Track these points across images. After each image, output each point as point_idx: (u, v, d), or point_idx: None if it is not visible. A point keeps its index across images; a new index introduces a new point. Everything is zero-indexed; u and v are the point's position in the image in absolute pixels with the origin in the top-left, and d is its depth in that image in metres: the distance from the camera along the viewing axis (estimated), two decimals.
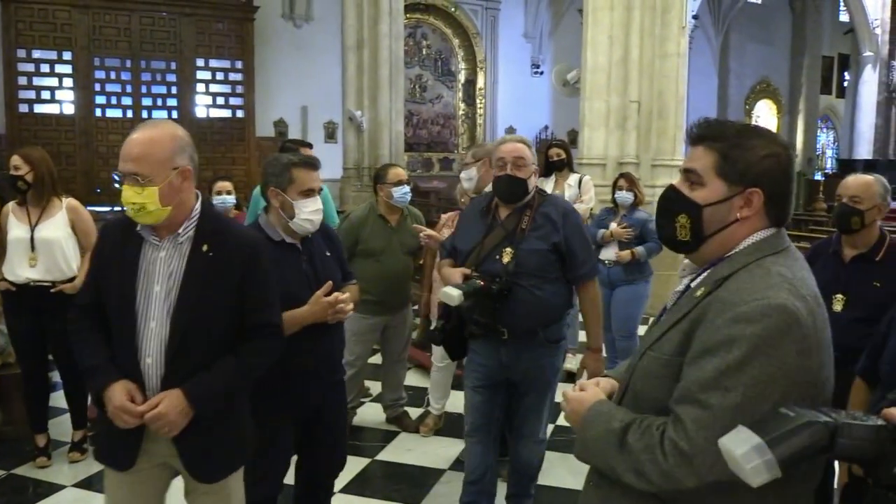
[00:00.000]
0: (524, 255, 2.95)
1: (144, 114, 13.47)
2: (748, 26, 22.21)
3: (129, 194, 2.05)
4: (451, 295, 2.80)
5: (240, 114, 14.19)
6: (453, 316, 3.07)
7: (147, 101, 13.52)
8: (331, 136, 15.87)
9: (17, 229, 3.91)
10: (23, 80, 12.55)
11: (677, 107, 8.04)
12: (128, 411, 2.02)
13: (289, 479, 2.95)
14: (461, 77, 18.95)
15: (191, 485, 2.23)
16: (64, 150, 12.89)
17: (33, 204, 3.93)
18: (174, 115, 13.64)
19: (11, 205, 4.00)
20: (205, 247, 2.11)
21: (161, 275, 2.09)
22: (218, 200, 4.94)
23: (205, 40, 13.67)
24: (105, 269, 2.18)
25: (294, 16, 15.55)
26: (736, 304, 1.33)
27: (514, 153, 3.00)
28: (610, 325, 5.36)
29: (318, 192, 2.75)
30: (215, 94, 14.06)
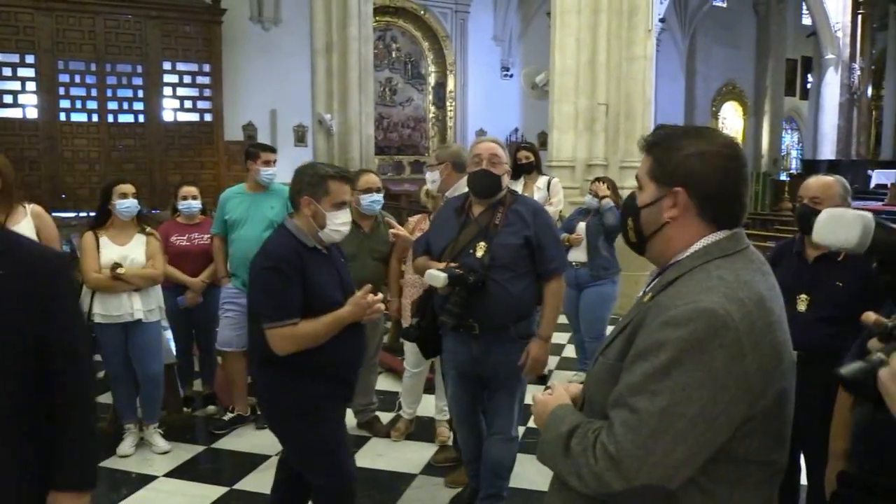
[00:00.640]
0: (497, 249, 3.08)
1: (110, 118, 13.27)
2: (714, 29, 22.49)
3: None
4: (437, 276, 2.97)
5: (208, 117, 14.04)
6: (428, 313, 3.25)
7: (113, 105, 13.31)
8: (300, 139, 15.78)
9: None
10: None
11: (645, 109, 8.13)
12: None
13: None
14: (431, 80, 18.95)
15: None
16: (28, 156, 12.66)
17: None
18: (140, 118, 13.47)
19: None
20: None
21: None
22: (183, 206, 4.89)
23: (171, 43, 13.51)
24: None
25: (262, 19, 15.44)
26: (668, 308, 1.34)
27: (489, 150, 3.16)
28: (579, 327, 5.40)
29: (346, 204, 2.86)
30: (183, 98, 13.89)
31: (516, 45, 19.59)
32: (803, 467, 3.10)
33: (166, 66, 13.58)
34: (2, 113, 12.57)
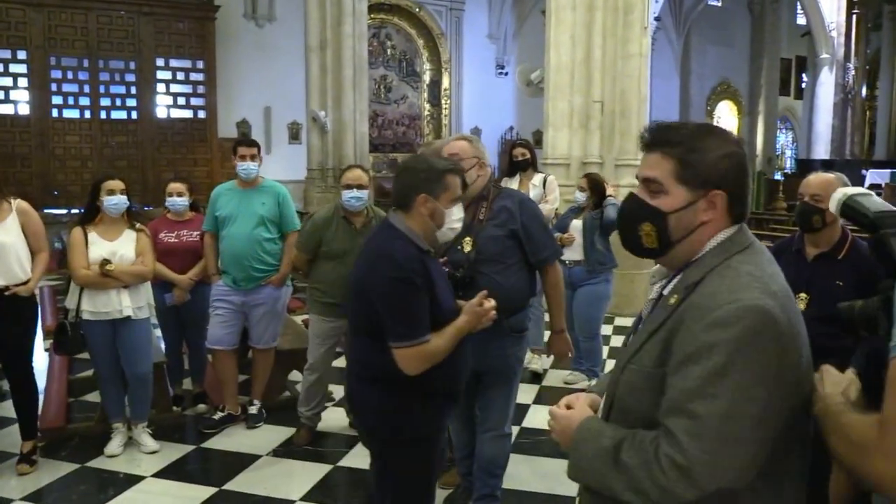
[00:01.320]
0: (483, 243, 3.06)
1: (103, 114, 13.22)
2: (708, 29, 22.51)
3: None
4: None
5: (201, 114, 14.00)
6: None
7: (105, 102, 13.26)
8: (294, 136, 15.72)
9: None
10: None
11: (640, 107, 8.08)
12: None
13: None
14: (426, 78, 18.91)
15: None
16: (19, 152, 12.59)
17: None
18: (133, 115, 13.41)
19: None
20: None
21: None
22: (170, 202, 4.82)
23: (164, 39, 13.45)
24: None
25: (256, 16, 15.38)
26: (710, 308, 1.31)
27: (449, 151, 3.15)
28: (573, 326, 5.36)
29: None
30: (176, 95, 13.84)
31: (511, 43, 19.56)
32: None
33: (159, 62, 13.53)
34: None
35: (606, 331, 6.71)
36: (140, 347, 4.24)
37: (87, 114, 13.10)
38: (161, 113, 13.76)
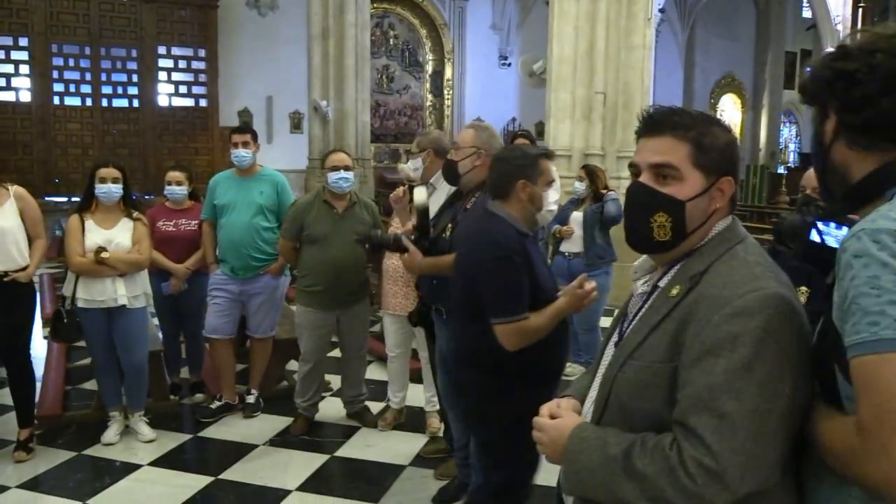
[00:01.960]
0: (458, 230, 3.08)
1: (104, 102, 13.19)
2: (713, 22, 22.36)
3: None
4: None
5: (203, 103, 13.96)
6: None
7: (107, 89, 13.23)
8: (296, 126, 15.66)
9: None
10: None
11: (643, 98, 8.03)
12: None
13: None
14: (429, 68, 18.82)
15: None
16: (20, 139, 12.57)
17: None
18: (135, 103, 13.38)
19: None
20: None
21: None
22: (168, 191, 4.80)
23: (166, 27, 13.41)
24: None
25: (258, 4, 15.25)
26: (730, 298, 1.24)
27: (457, 139, 3.22)
28: (572, 318, 5.33)
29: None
30: (178, 83, 13.80)
31: (515, 33, 19.46)
32: None
33: (161, 50, 13.49)
34: None
35: (605, 323, 6.69)
36: (135, 336, 4.22)
37: (89, 101, 13.07)
38: (162, 101, 13.72)
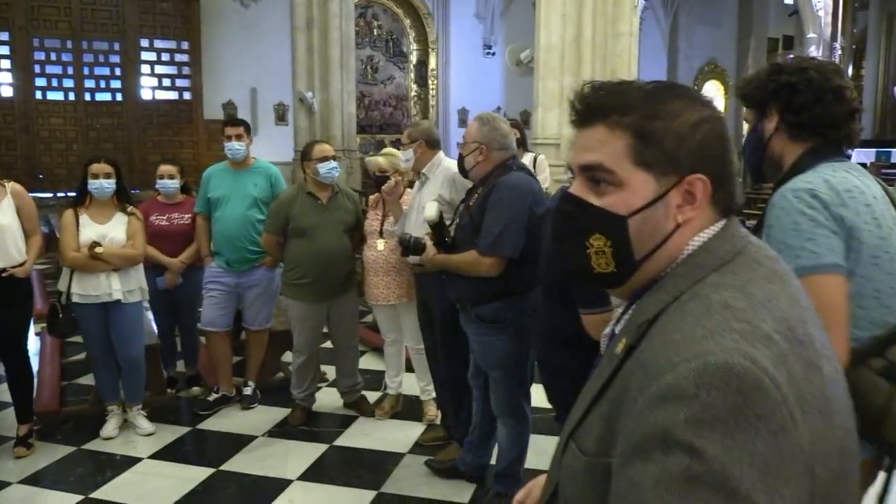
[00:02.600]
0: (458, 230, 3.20)
1: (87, 96, 13.05)
2: (696, 8, 22.44)
3: None
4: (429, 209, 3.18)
5: (187, 95, 13.85)
6: None
7: (90, 83, 13.08)
8: (281, 118, 15.58)
9: None
10: None
11: None
12: None
13: None
14: (413, 58, 18.77)
15: None
16: (3, 135, 12.43)
17: None
18: (118, 97, 13.25)
19: None
20: None
21: None
22: (160, 185, 4.78)
23: (149, 20, 13.27)
24: None
25: None
26: (660, 369, 0.82)
27: (464, 134, 3.26)
28: None
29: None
30: (161, 76, 13.67)
31: (498, 22, 19.44)
32: None
33: (144, 43, 13.35)
34: None
35: None
36: (131, 330, 4.23)
37: (72, 96, 12.92)
38: (146, 94, 13.59)
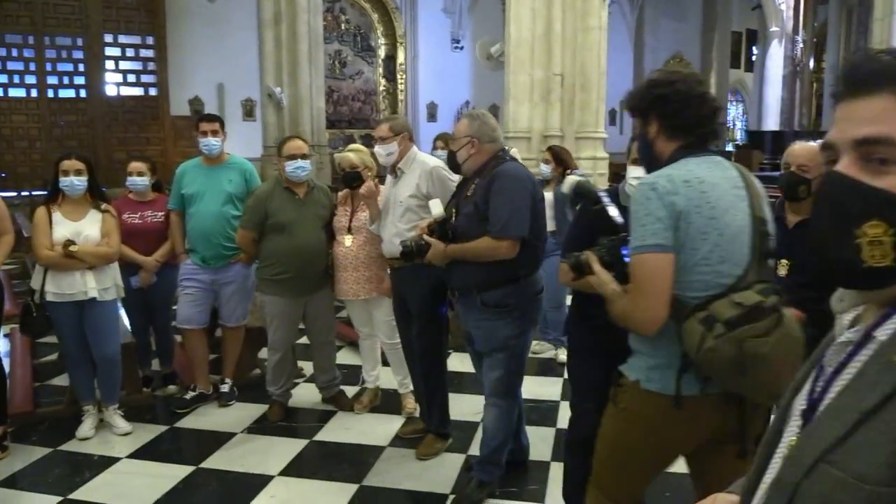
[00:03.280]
0: (459, 219, 3.22)
1: (50, 93, 12.82)
2: (662, 2, 22.65)
3: None
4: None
5: (153, 91, 13.67)
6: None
7: (53, 80, 12.85)
8: (249, 113, 15.45)
9: None
10: None
11: (599, 80, 8.17)
12: None
13: None
14: (381, 52, 18.71)
15: None
16: None
17: None
18: (82, 93, 13.04)
19: None
20: None
21: None
22: (130, 182, 4.72)
23: (112, 15, 13.06)
24: None
25: None
26: None
27: (454, 131, 3.34)
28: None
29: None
30: (126, 72, 13.48)
31: (466, 16, 19.44)
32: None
33: (108, 38, 13.15)
34: None
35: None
36: (107, 329, 4.18)
37: (34, 92, 12.68)
38: (111, 91, 13.39)
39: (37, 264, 4.10)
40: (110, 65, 13.27)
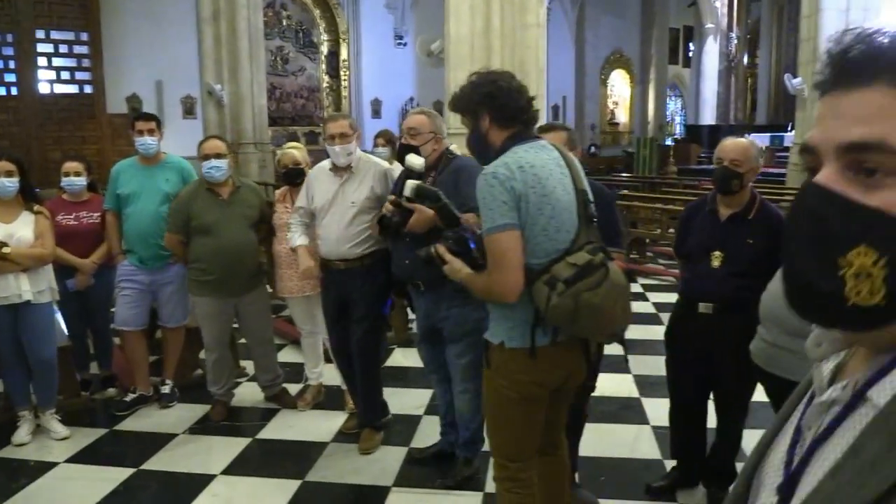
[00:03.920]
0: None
1: None
2: None
3: None
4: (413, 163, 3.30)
5: (88, 89, 13.33)
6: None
7: None
8: (189, 111, 15.18)
9: None
10: None
11: (538, 76, 8.30)
12: None
13: None
14: (324, 49, 18.60)
15: None
16: None
17: None
18: (14, 91, 12.65)
19: None
20: None
21: None
22: (66, 182, 4.65)
23: (44, 10, 12.69)
24: None
25: None
26: None
27: (408, 125, 3.42)
28: None
29: None
30: (59, 69, 13.11)
31: (409, 13, 19.46)
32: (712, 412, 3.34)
33: (40, 34, 12.76)
34: None
35: None
36: (43, 332, 4.12)
37: None
38: (44, 88, 13.01)
39: None
40: (42, 62, 12.88)
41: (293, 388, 4.78)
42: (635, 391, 4.72)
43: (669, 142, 21.95)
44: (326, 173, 3.87)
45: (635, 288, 7.63)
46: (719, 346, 3.03)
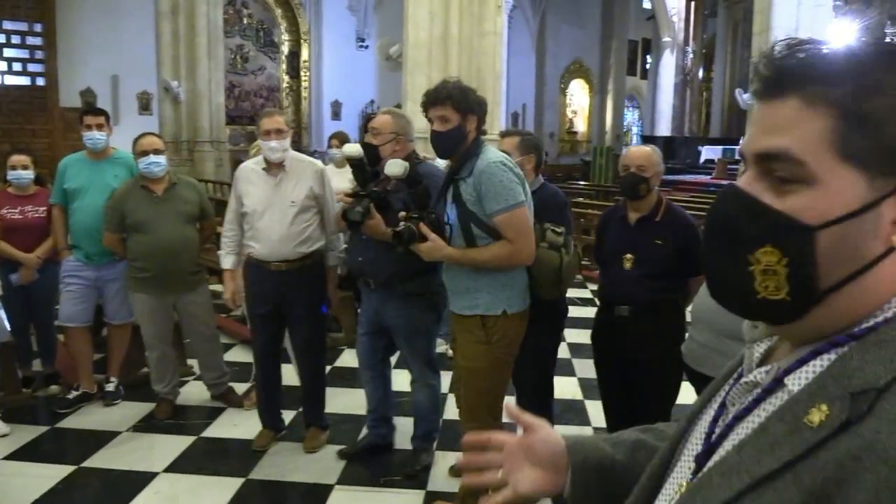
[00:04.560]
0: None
1: None
2: (563, 9, 23.34)
3: None
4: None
5: (40, 81, 13.12)
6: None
7: None
8: (145, 107, 15.01)
9: None
10: None
11: (495, 83, 8.40)
12: None
13: None
14: (285, 49, 18.54)
15: None
16: None
17: None
18: None
19: None
20: None
21: None
22: (13, 176, 4.59)
23: None
24: None
25: None
26: None
27: (371, 124, 3.48)
28: None
29: None
30: (11, 60, 12.88)
31: (371, 15, 19.49)
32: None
33: None
34: None
35: None
36: None
37: None
38: None
39: None
40: None
41: (241, 388, 4.77)
42: (579, 393, 4.81)
43: (625, 152, 22.29)
44: (258, 173, 3.79)
45: (584, 293, 7.77)
46: (637, 348, 3.11)
